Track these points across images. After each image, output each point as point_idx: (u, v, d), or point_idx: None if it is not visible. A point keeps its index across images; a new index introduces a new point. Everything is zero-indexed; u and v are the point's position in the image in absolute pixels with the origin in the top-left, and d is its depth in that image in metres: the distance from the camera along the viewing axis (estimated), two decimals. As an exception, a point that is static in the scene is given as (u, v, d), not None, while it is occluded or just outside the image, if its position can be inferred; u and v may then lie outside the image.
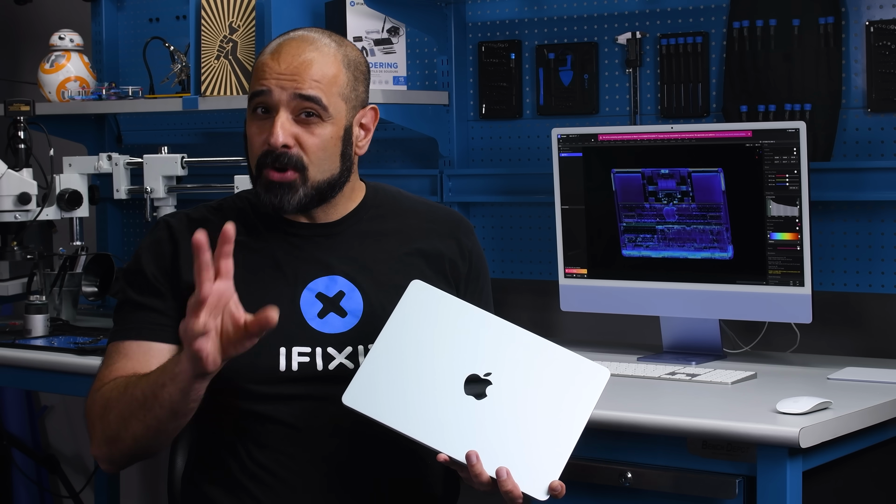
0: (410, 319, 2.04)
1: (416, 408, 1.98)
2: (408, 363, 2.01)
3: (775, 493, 2.28)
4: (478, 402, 1.99)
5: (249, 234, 2.22)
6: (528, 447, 1.97)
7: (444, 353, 2.01)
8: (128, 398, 2.04)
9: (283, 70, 2.14)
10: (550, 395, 2.00)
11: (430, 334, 2.03)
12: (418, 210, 2.31)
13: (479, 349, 2.02)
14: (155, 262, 2.18)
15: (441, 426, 1.97)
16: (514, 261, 3.55)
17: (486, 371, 2.00)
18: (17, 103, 3.59)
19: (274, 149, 2.13)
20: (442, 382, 2.00)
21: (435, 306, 2.05)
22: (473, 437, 1.96)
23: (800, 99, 3.07)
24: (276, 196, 2.15)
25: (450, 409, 1.98)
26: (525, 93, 3.52)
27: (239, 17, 3.54)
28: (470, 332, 2.03)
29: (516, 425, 1.98)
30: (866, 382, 2.69)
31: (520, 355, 2.02)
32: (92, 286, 3.46)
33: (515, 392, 1.99)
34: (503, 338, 2.03)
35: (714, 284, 2.95)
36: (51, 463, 4.37)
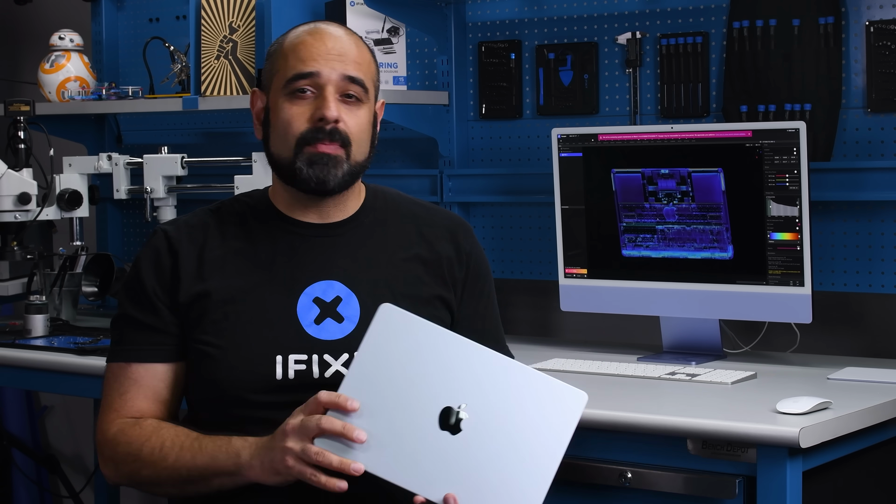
0: (381, 348, 1.94)
1: (389, 448, 1.92)
2: (379, 397, 1.92)
3: (775, 493, 2.28)
4: (453, 437, 1.92)
5: (246, 238, 2.21)
6: (506, 483, 1.91)
7: (416, 385, 1.92)
8: (166, 466, 2.08)
9: (331, 50, 2.15)
10: (528, 423, 1.93)
11: (403, 364, 1.93)
12: (417, 213, 2.30)
13: (454, 378, 1.92)
14: (154, 275, 2.18)
15: (416, 466, 1.91)
16: (514, 261, 3.55)
17: (461, 402, 1.92)
18: (17, 103, 3.59)
19: (326, 123, 2.13)
20: (415, 418, 1.92)
21: (406, 332, 1.95)
22: (450, 475, 1.91)
23: (800, 99, 3.07)
24: (323, 169, 2.14)
25: (424, 446, 1.91)
26: (525, 93, 3.52)
27: (239, 17, 3.54)
28: (444, 359, 1.94)
29: (494, 460, 1.91)
30: (866, 382, 2.69)
31: (495, 382, 1.94)
32: (92, 286, 3.46)
33: (491, 424, 1.92)
34: (478, 364, 1.94)
35: (714, 284, 2.95)
36: (51, 463, 4.37)
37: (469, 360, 1.94)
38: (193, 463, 2.06)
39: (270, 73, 2.21)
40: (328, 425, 1.92)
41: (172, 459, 2.07)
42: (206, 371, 2.13)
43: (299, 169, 2.15)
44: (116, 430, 2.14)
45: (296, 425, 1.95)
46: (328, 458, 1.92)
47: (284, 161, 2.17)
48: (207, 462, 2.05)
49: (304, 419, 1.95)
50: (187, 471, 2.06)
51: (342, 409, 1.92)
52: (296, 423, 1.95)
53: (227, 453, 2.03)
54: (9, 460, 4.39)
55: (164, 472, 2.08)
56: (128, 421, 2.15)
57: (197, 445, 2.07)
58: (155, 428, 2.12)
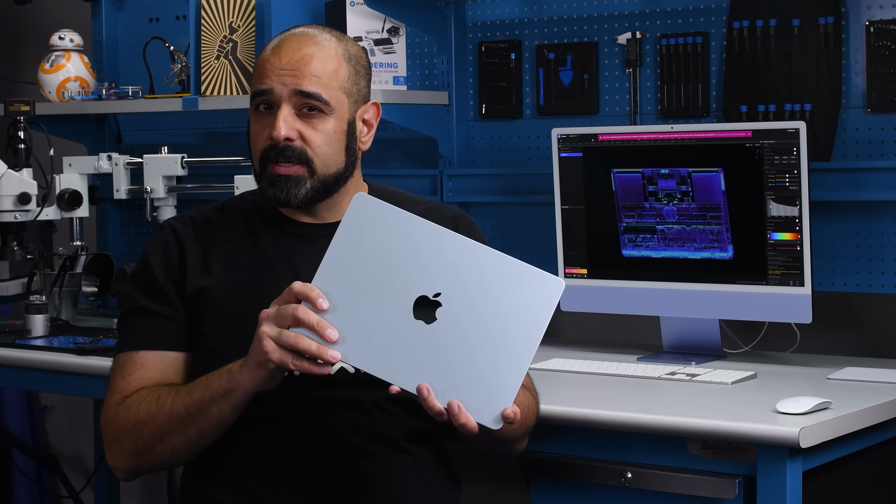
0: (355, 237, 1.90)
1: (363, 337, 1.89)
2: (353, 288, 1.89)
3: (775, 493, 2.28)
4: (428, 326, 1.87)
5: (251, 235, 2.22)
6: (479, 374, 1.88)
7: (391, 273, 1.89)
8: (166, 413, 2.06)
9: (284, 65, 2.14)
10: (504, 311, 1.88)
11: (377, 254, 1.89)
12: (419, 210, 2.29)
13: (429, 267, 1.89)
14: (164, 268, 2.19)
15: (390, 355, 1.88)
16: (514, 261, 3.55)
17: (436, 291, 1.88)
18: (17, 103, 3.59)
19: (277, 142, 2.13)
20: (390, 307, 1.89)
21: (380, 221, 1.90)
22: (424, 365, 1.87)
23: (800, 99, 3.07)
24: (282, 190, 2.15)
25: (399, 336, 1.87)
26: (525, 93, 3.52)
27: (239, 17, 3.54)
28: (419, 248, 1.89)
29: (467, 350, 1.88)
30: (866, 382, 2.69)
31: (471, 271, 1.89)
32: (92, 286, 3.46)
33: (466, 313, 1.88)
34: (453, 252, 1.90)
35: (714, 284, 2.95)
36: (51, 463, 4.37)
37: (444, 248, 1.90)
38: (190, 398, 2.04)
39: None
40: (304, 315, 1.89)
41: (169, 405, 2.06)
42: (212, 366, 2.13)
43: (263, 189, 2.18)
44: (115, 405, 2.12)
45: (271, 313, 1.93)
46: (306, 343, 1.88)
47: (256, 176, 2.21)
48: (202, 391, 2.03)
49: (280, 308, 1.92)
50: (185, 408, 2.04)
51: (313, 304, 1.89)
52: (271, 311, 1.93)
53: (220, 374, 2.02)
54: (9, 460, 4.39)
55: (164, 421, 2.06)
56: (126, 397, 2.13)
57: (192, 384, 2.07)
58: (152, 389, 2.11)
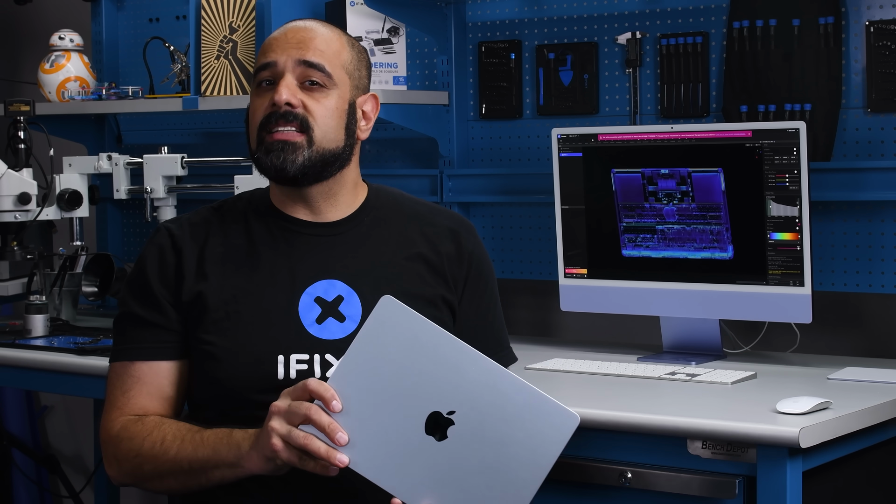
0: (377, 340, 1.88)
1: (372, 445, 1.88)
2: (368, 393, 1.87)
3: (775, 493, 2.28)
4: (438, 443, 1.86)
5: (247, 237, 2.21)
6: (483, 497, 1.87)
7: (409, 384, 1.86)
8: (168, 459, 2.07)
9: (289, 39, 2.17)
10: (516, 438, 1.86)
11: (397, 361, 1.87)
12: (419, 212, 2.30)
13: (447, 383, 1.86)
14: (159, 273, 2.18)
15: (397, 468, 1.87)
16: (514, 261, 3.55)
17: (451, 409, 1.86)
18: (17, 103, 3.59)
19: (278, 107, 2.13)
20: (403, 418, 1.86)
21: (404, 327, 1.88)
22: (429, 482, 1.87)
23: (800, 99, 3.07)
24: (279, 156, 2.13)
25: (408, 450, 1.86)
26: (525, 93, 3.52)
27: (239, 17, 3.54)
28: (440, 361, 1.87)
29: (474, 473, 1.87)
30: (866, 382, 2.69)
31: (488, 392, 1.86)
32: (92, 286, 3.46)
33: (478, 434, 1.86)
34: (473, 371, 1.86)
35: (714, 284, 2.95)
36: (51, 463, 4.37)
37: (465, 365, 1.88)
38: (195, 455, 2.05)
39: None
40: (316, 417, 1.88)
41: (174, 452, 2.07)
42: (208, 370, 2.13)
43: (258, 159, 2.17)
44: (119, 427, 2.14)
45: (283, 408, 1.92)
46: (315, 445, 1.88)
47: (252, 153, 2.20)
48: (209, 454, 2.04)
49: (292, 404, 1.92)
50: (188, 463, 2.05)
51: (326, 405, 1.88)
52: (283, 406, 1.92)
53: (228, 445, 2.02)
54: (9, 460, 4.39)
55: (166, 465, 2.07)
56: (130, 418, 2.14)
57: (199, 438, 2.06)
58: (157, 423, 2.12)
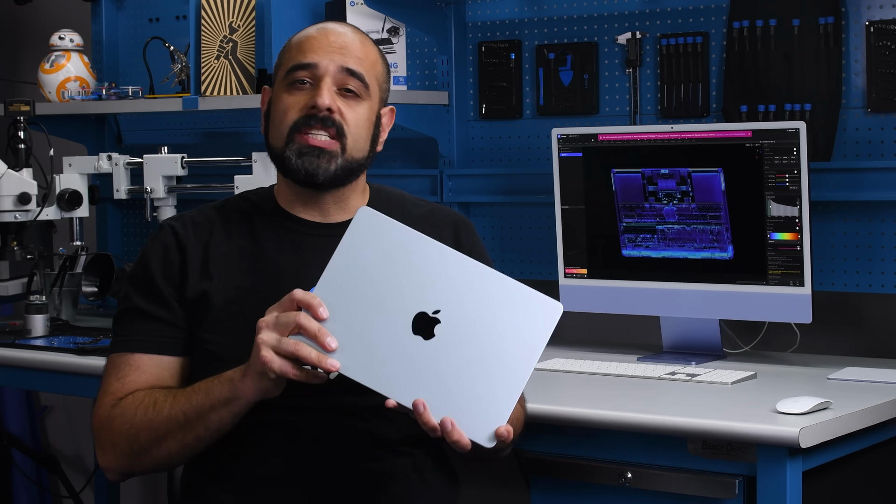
0: (358, 250, 1.92)
1: (361, 349, 1.90)
2: (354, 300, 1.91)
3: (775, 493, 2.28)
4: (425, 342, 1.90)
5: (251, 237, 2.21)
6: (474, 391, 1.90)
7: (392, 288, 1.91)
8: (164, 418, 2.05)
9: (332, 42, 2.16)
10: (500, 333, 1.90)
11: (379, 268, 1.92)
12: (420, 213, 2.30)
13: (430, 284, 1.91)
14: (163, 270, 2.17)
15: (387, 369, 1.90)
16: (514, 261, 3.55)
17: (436, 308, 1.90)
18: (17, 103, 3.59)
19: (318, 111, 2.12)
20: (389, 321, 1.90)
21: (383, 235, 1.93)
22: (420, 380, 1.89)
23: (800, 99, 3.07)
24: (313, 162, 2.13)
25: (397, 350, 1.89)
26: (525, 93, 3.52)
27: (239, 17, 3.54)
28: (421, 264, 1.92)
29: (464, 367, 1.90)
30: (866, 382, 2.69)
31: (471, 290, 1.91)
32: (92, 286, 3.46)
33: (464, 331, 1.91)
34: (454, 271, 1.92)
35: (714, 284, 2.95)
36: (51, 463, 4.37)
37: (446, 266, 1.93)
38: (189, 404, 2.03)
39: (276, 68, 2.23)
40: (305, 322, 1.89)
41: (167, 410, 2.05)
42: (210, 370, 2.12)
43: (288, 158, 2.15)
44: (110, 407, 2.11)
45: (270, 321, 1.92)
46: (306, 350, 1.89)
47: (278, 151, 2.17)
48: (202, 399, 2.02)
49: (279, 315, 1.92)
50: (184, 414, 2.03)
51: (313, 312, 1.89)
52: (270, 319, 1.93)
53: (220, 382, 2.01)
54: (9, 460, 4.39)
55: (162, 426, 2.05)
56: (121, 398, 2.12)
57: (190, 389, 2.05)
58: (147, 392, 2.10)
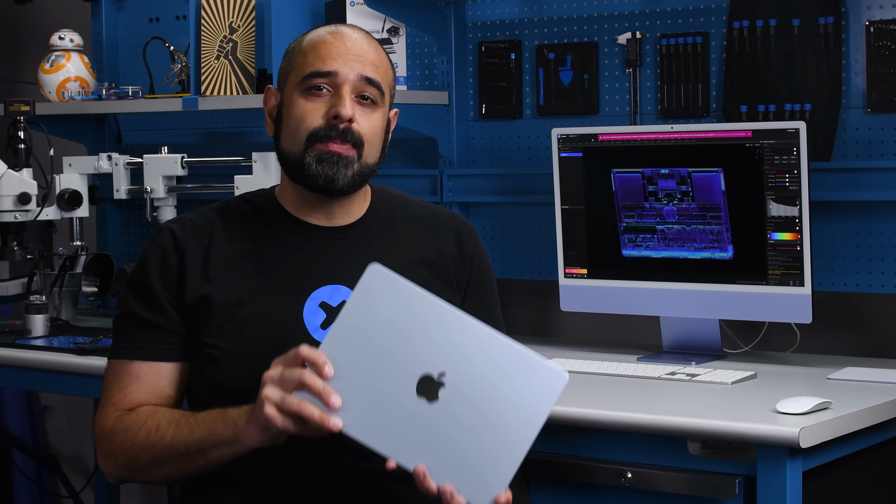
0: (366, 308, 1.91)
1: (365, 409, 1.90)
2: (360, 358, 1.91)
3: (775, 493, 2.28)
4: (429, 405, 1.90)
5: (252, 240, 2.20)
6: (476, 457, 1.90)
7: (399, 348, 1.90)
8: (165, 445, 2.06)
9: (350, 49, 2.15)
10: (506, 398, 1.91)
11: (387, 327, 1.91)
12: (421, 216, 2.30)
13: (436, 346, 1.90)
14: (161, 275, 2.16)
15: (390, 431, 1.90)
16: (514, 261, 3.55)
17: (441, 371, 1.90)
18: (17, 103, 3.59)
19: (340, 121, 2.12)
20: (394, 382, 1.90)
21: (392, 294, 1.92)
22: (422, 444, 1.90)
23: (800, 99, 3.07)
24: (333, 167, 2.13)
25: (400, 412, 1.90)
26: (525, 93, 3.52)
27: (239, 17, 3.54)
28: (428, 325, 1.91)
29: (466, 432, 1.90)
30: (866, 382, 2.69)
31: (477, 354, 1.91)
32: (92, 286, 3.46)
33: (468, 396, 1.90)
34: (461, 334, 1.92)
35: (714, 284, 2.95)
36: (51, 463, 4.37)
37: (453, 329, 1.92)
38: (192, 437, 2.04)
39: (287, 70, 2.21)
40: (310, 381, 1.88)
41: (170, 438, 2.05)
42: (211, 374, 2.12)
43: (308, 164, 2.13)
44: (114, 421, 2.12)
45: (275, 376, 1.92)
46: (309, 410, 1.88)
47: (294, 156, 2.15)
48: (205, 435, 2.02)
49: (284, 371, 1.92)
50: (185, 446, 2.04)
51: (318, 370, 1.89)
52: (275, 374, 1.92)
53: (224, 423, 2.01)
54: (9, 460, 4.39)
55: (163, 451, 2.06)
56: (125, 412, 2.13)
57: (194, 420, 2.05)
58: (150, 412, 2.11)
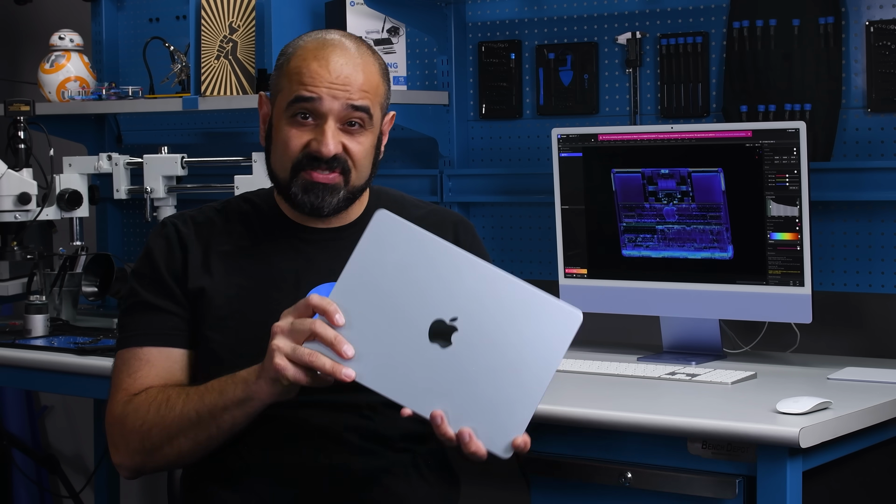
0: (375, 254, 1.89)
1: (378, 357, 1.87)
2: (370, 306, 1.88)
3: (775, 493, 2.28)
4: (443, 350, 1.86)
5: (251, 238, 2.21)
6: (492, 401, 1.87)
7: (409, 294, 1.87)
8: (176, 415, 2.06)
9: (335, 79, 2.12)
10: (520, 340, 1.87)
11: (396, 273, 1.88)
12: (419, 215, 2.30)
13: (448, 290, 1.87)
14: (167, 265, 2.18)
15: (404, 378, 1.87)
16: (514, 261, 3.55)
17: (453, 315, 1.87)
18: (17, 103, 3.59)
19: (323, 157, 2.12)
20: (406, 328, 1.87)
21: (401, 239, 1.89)
22: (437, 389, 1.86)
23: (800, 99, 3.07)
24: (318, 197, 2.14)
25: (413, 359, 1.86)
26: (525, 93, 3.52)
27: (239, 17, 3.54)
28: (439, 270, 1.88)
29: (481, 377, 1.87)
30: (866, 382, 2.69)
31: (489, 296, 1.88)
32: (92, 286, 3.46)
33: (482, 339, 1.87)
34: (472, 277, 1.88)
35: (714, 284, 2.95)
36: (51, 463, 4.37)
37: (464, 272, 1.89)
38: (202, 403, 2.04)
39: (276, 88, 2.19)
40: (321, 330, 1.87)
41: (180, 407, 2.06)
42: (211, 369, 2.13)
43: (294, 194, 2.16)
44: (123, 405, 2.12)
45: (285, 327, 1.91)
46: (321, 360, 1.87)
47: (281, 181, 2.18)
48: (216, 398, 2.02)
49: (294, 321, 1.91)
50: (196, 413, 2.04)
51: (329, 318, 1.88)
52: (285, 325, 1.92)
53: (234, 383, 2.01)
54: (9, 460, 4.39)
55: (174, 423, 2.06)
56: (133, 396, 2.13)
57: (203, 388, 2.06)
58: (160, 389, 2.11)
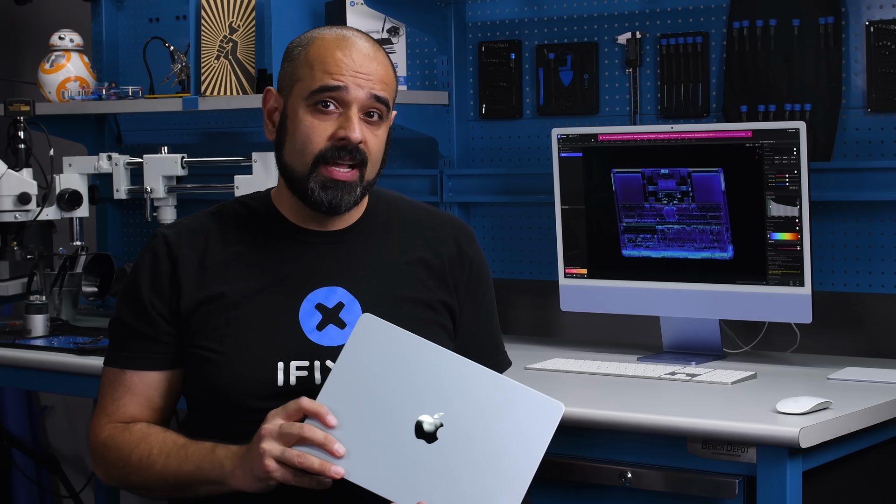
0: (360, 357, 1.97)
1: (366, 454, 1.94)
2: (357, 406, 1.95)
3: (775, 493, 2.28)
4: (428, 446, 1.93)
5: (249, 243, 2.19)
6: (480, 493, 1.92)
7: (395, 393, 1.95)
8: (155, 473, 2.09)
9: (359, 68, 2.12)
10: (504, 434, 1.94)
11: (382, 373, 1.96)
12: (419, 217, 2.29)
13: (431, 388, 1.95)
14: (151, 283, 2.16)
15: (391, 474, 1.93)
16: (514, 261, 3.55)
17: (438, 412, 1.94)
18: (17, 103, 3.59)
19: (349, 143, 2.10)
20: (392, 426, 1.94)
21: (385, 341, 1.98)
22: (425, 484, 1.92)
23: (800, 99, 3.07)
24: (337, 195, 2.12)
25: (400, 456, 1.93)
26: (525, 93, 3.52)
27: (239, 17, 3.54)
28: (422, 369, 1.96)
29: (467, 471, 1.93)
30: (866, 382, 2.69)
31: (472, 393, 1.95)
32: (92, 286, 3.46)
33: (467, 434, 1.94)
34: (455, 375, 1.96)
35: (714, 284, 2.95)
36: (51, 463, 4.37)
37: (447, 370, 1.96)
38: (180, 471, 2.07)
39: (291, 78, 2.16)
40: (310, 434, 1.93)
41: (159, 467, 2.09)
42: (208, 377, 2.12)
43: (311, 190, 2.13)
44: (107, 434, 2.15)
45: (273, 430, 1.96)
46: (310, 461, 1.93)
47: (298, 176, 2.14)
48: (193, 471, 2.06)
49: (284, 424, 1.96)
50: (174, 478, 2.08)
51: (322, 420, 1.94)
52: (273, 428, 1.96)
53: (211, 463, 2.04)
54: (9, 460, 4.39)
55: (152, 478, 2.10)
56: (118, 426, 2.16)
57: (183, 454, 2.08)
58: (144, 434, 2.13)
